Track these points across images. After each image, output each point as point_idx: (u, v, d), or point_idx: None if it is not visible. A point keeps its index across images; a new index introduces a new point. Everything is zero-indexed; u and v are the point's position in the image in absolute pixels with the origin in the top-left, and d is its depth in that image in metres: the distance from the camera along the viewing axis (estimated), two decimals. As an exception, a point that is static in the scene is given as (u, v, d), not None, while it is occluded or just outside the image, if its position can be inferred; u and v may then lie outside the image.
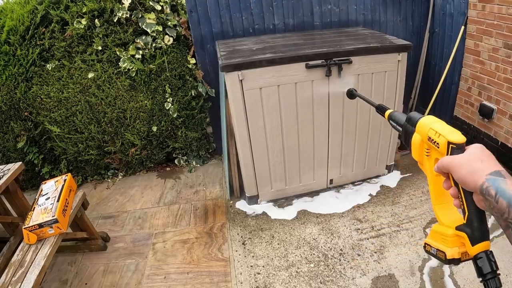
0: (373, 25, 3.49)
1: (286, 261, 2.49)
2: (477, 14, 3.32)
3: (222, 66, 2.36)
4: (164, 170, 3.72)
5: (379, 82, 2.72)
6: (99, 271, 2.54)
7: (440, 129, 0.70)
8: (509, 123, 3.23)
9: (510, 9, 2.97)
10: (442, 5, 3.65)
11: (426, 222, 2.77)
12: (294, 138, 2.76)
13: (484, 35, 3.29)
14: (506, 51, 3.11)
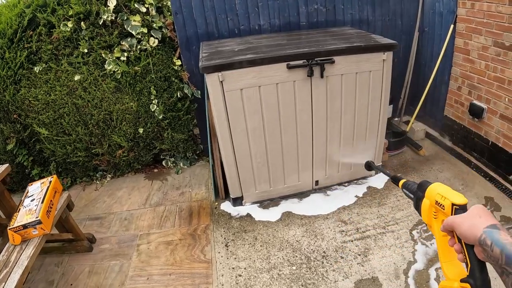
0: (361, 25, 3.51)
1: (268, 263, 2.50)
2: (466, 12, 3.32)
3: (202, 67, 2.40)
4: (152, 172, 3.76)
5: (364, 82, 2.73)
6: (85, 272, 2.58)
7: (445, 193, 0.79)
8: (499, 123, 3.22)
9: (500, 6, 2.98)
10: (431, 4, 3.66)
11: (412, 224, 2.78)
12: (277, 139, 2.78)
13: (474, 34, 3.30)
14: (496, 49, 3.12)
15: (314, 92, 2.65)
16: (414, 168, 3.51)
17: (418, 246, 2.58)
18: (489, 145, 3.37)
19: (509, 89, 3.07)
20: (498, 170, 3.33)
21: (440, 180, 3.29)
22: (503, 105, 3.15)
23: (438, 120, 3.98)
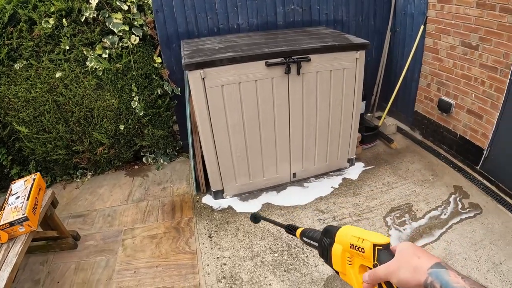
0: (336, 25, 3.76)
1: (251, 251, 2.70)
2: (436, 14, 3.61)
3: (185, 64, 2.56)
4: (132, 169, 3.88)
5: (338, 79, 2.98)
6: (71, 269, 2.65)
7: (362, 235, 0.72)
8: (466, 117, 3.53)
9: (467, 9, 3.26)
10: (403, 6, 3.95)
11: (386, 211, 3.05)
12: (256, 134, 2.99)
13: (443, 34, 3.59)
14: (463, 48, 3.41)
15: (291, 89, 2.87)
16: (387, 160, 3.81)
17: (392, 231, 2.84)
18: (457, 138, 3.68)
19: (475, 86, 3.37)
20: (466, 161, 3.64)
21: (411, 171, 3.63)
22: (470, 100, 3.45)
23: (409, 115, 4.31)
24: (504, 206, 3.13)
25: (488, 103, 3.29)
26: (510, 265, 2.56)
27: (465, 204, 3.16)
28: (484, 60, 3.24)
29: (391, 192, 3.34)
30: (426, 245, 2.74)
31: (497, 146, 3.31)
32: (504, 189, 3.29)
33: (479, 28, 3.20)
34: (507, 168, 3.25)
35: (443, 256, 2.64)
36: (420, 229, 2.88)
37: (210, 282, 2.47)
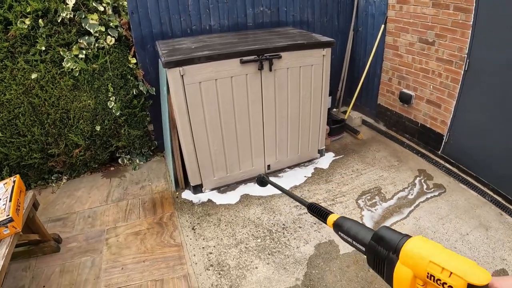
0: (302, 25, 4.08)
1: (235, 239, 2.90)
2: (395, 13, 3.98)
3: (164, 62, 2.72)
4: (109, 170, 3.98)
5: (307, 74, 3.27)
6: (56, 272, 2.70)
7: (447, 264, 0.56)
8: (426, 107, 3.92)
9: (424, 8, 3.65)
10: (365, 7, 4.31)
11: (357, 195, 3.38)
12: (232, 128, 3.21)
13: (402, 32, 3.96)
14: (421, 44, 3.79)
15: (264, 84, 3.13)
16: (354, 150, 4.17)
17: (365, 212, 3.16)
18: (419, 126, 4.07)
19: (432, 78, 3.76)
20: (428, 147, 4.04)
21: (378, 158, 4.01)
22: (428, 91, 3.84)
23: (373, 108, 4.71)
24: (465, 185, 3.54)
25: (445, 93, 3.67)
26: (476, 235, 2.93)
27: (429, 185, 3.52)
28: (440, 54, 3.62)
29: (360, 178, 3.67)
30: (397, 222, 3.07)
31: (456, 132, 3.71)
32: (465, 170, 3.70)
33: (435, 26, 3.59)
34: (466, 151, 3.65)
35: (414, 231, 2.97)
36: (390, 209, 3.21)
37: (199, 270, 2.63)
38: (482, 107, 3.39)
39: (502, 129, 3.24)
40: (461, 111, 3.60)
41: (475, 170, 3.62)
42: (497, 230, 3.01)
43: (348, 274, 2.58)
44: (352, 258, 2.70)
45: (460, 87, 3.52)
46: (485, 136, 3.43)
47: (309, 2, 4.02)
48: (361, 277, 2.56)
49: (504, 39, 3.04)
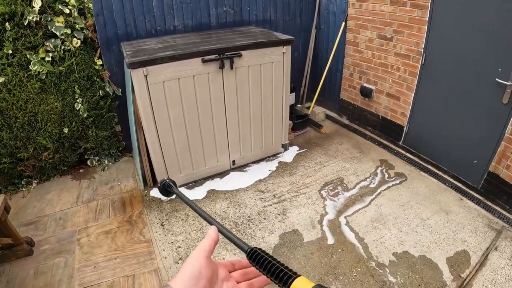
0: (265, 24, 4.25)
1: (202, 233, 3.04)
2: (355, 11, 4.18)
3: (129, 63, 2.83)
4: (78, 173, 4.05)
5: (267, 72, 3.45)
6: (30, 274, 2.73)
7: None
8: (386, 100, 4.13)
9: (382, 6, 3.85)
10: (326, 5, 4.50)
11: (320, 185, 3.58)
12: (196, 125, 3.36)
13: (362, 29, 4.17)
14: (380, 40, 3.99)
15: (226, 82, 3.29)
16: (318, 143, 4.38)
17: (327, 202, 3.36)
18: (380, 119, 4.29)
19: (391, 72, 3.97)
20: (389, 138, 4.27)
21: (340, 150, 4.22)
22: (388, 85, 4.05)
23: (336, 103, 4.93)
24: (426, 173, 3.78)
25: (404, 86, 3.89)
26: (436, 219, 3.16)
27: (391, 174, 3.74)
28: (398, 49, 3.84)
29: (323, 169, 3.87)
30: (359, 210, 3.27)
31: (415, 123, 3.94)
32: (425, 159, 3.94)
33: (393, 22, 3.80)
34: (425, 140, 3.90)
35: (376, 218, 3.18)
36: (352, 198, 3.42)
37: (168, 264, 2.76)
38: (438, 98, 3.63)
39: (457, 118, 3.50)
40: (419, 103, 3.83)
41: (435, 158, 3.85)
42: (458, 214, 3.25)
43: (312, 261, 2.75)
44: (316, 245, 2.89)
45: (418, 80, 3.74)
46: (443, 126, 3.66)
47: (271, 2, 4.19)
48: (324, 262, 2.74)
49: (456, 33, 3.30)
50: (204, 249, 0.67)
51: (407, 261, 2.76)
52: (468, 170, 3.58)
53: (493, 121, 3.21)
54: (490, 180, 3.38)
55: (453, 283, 2.58)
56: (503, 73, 2.99)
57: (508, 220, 3.18)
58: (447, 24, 3.36)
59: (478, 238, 2.97)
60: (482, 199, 3.45)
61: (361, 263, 2.74)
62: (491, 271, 2.67)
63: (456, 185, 3.62)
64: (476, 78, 3.24)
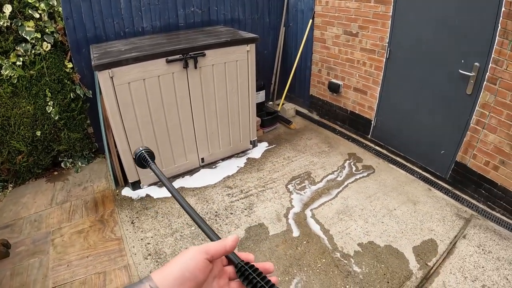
0: (233, 24, 4.35)
1: (171, 229, 3.15)
2: (322, 8, 4.29)
3: (94, 66, 2.92)
4: (52, 175, 4.12)
5: (232, 70, 3.56)
6: (7, 276, 2.79)
7: None
8: (353, 95, 4.26)
9: (348, 3, 3.97)
10: (294, 3, 4.62)
11: (287, 180, 3.70)
12: (163, 125, 3.46)
13: (328, 26, 4.28)
14: (346, 36, 4.10)
15: (191, 81, 3.39)
16: (287, 139, 4.51)
17: (294, 196, 3.48)
18: (348, 113, 4.42)
19: (358, 67, 4.09)
20: (358, 132, 4.40)
21: (309, 145, 4.35)
22: (355, 80, 4.17)
23: (306, 99, 5.05)
24: (394, 165, 3.92)
25: (370, 80, 4.01)
26: (403, 209, 3.29)
27: (359, 167, 3.87)
28: (364, 45, 3.95)
29: (291, 164, 3.99)
30: (325, 202, 3.39)
31: (383, 116, 4.07)
32: (393, 151, 4.08)
33: (358, 18, 3.92)
34: (393, 133, 4.04)
35: (342, 210, 3.30)
36: (319, 191, 3.54)
37: (138, 260, 2.85)
38: (404, 91, 3.77)
39: (423, 110, 3.65)
40: (385, 96, 3.95)
41: (403, 150, 3.97)
42: (425, 204, 3.38)
43: (277, 253, 2.86)
44: (281, 238, 3.00)
45: (383, 74, 3.86)
46: (410, 118, 3.79)
47: (239, 1, 4.31)
48: (289, 254, 2.85)
49: (419, 28, 3.43)
50: (208, 251, 0.60)
51: (372, 251, 2.87)
52: (435, 160, 3.71)
53: (458, 112, 3.34)
54: (458, 169, 3.51)
55: (419, 271, 2.68)
56: (466, 64, 3.13)
57: (477, 209, 3.32)
58: (410, 18, 3.49)
59: (446, 227, 3.09)
60: (451, 189, 3.59)
61: (325, 254, 2.85)
62: (459, 258, 2.78)
63: (424, 175, 3.74)
64: (440, 70, 3.38)
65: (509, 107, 2.94)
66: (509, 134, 3.00)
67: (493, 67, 2.95)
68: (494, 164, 3.19)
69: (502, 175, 3.15)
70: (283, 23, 4.72)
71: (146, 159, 0.89)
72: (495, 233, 3.03)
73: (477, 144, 3.26)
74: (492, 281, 2.58)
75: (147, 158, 0.90)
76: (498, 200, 3.25)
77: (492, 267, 2.70)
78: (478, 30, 2.97)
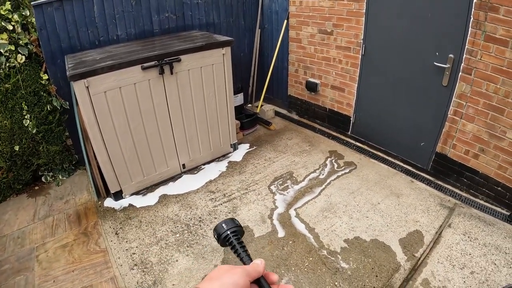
0: (209, 27, 4.30)
1: (155, 237, 3.08)
2: (296, 9, 4.27)
3: (69, 76, 2.84)
4: (33, 190, 4.01)
5: (208, 74, 3.52)
6: None
7: None
8: (331, 92, 4.24)
9: (321, 1, 3.96)
10: (269, 5, 4.60)
11: (270, 181, 3.67)
12: (142, 133, 3.39)
13: (303, 25, 4.27)
14: (321, 35, 4.09)
15: (167, 87, 3.34)
16: (267, 140, 4.48)
17: (277, 196, 3.44)
18: (327, 111, 4.40)
19: (334, 65, 4.08)
20: (338, 130, 4.39)
21: (290, 145, 4.32)
22: (332, 78, 4.15)
23: (285, 99, 5.04)
24: (375, 159, 3.92)
25: (347, 77, 4.00)
26: (387, 203, 3.28)
27: (340, 164, 3.85)
28: (339, 43, 3.95)
29: (273, 165, 3.96)
30: (309, 201, 3.37)
31: (361, 112, 4.07)
32: (374, 146, 4.08)
33: (332, 17, 3.91)
34: (373, 128, 4.05)
35: (325, 207, 3.28)
36: (302, 190, 3.51)
37: (124, 271, 2.78)
38: (381, 86, 3.78)
39: (401, 103, 3.66)
40: (363, 93, 3.95)
41: (384, 144, 3.97)
42: (409, 196, 3.38)
43: (264, 255, 2.82)
44: (266, 239, 2.96)
45: (360, 70, 3.86)
46: (388, 112, 3.80)
47: (213, 5, 4.26)
48: (276, 255, 2.81)
49: (392, 23, 3.44)
50: (250, 273, 0.65)
51: (359, 246, 2.86)
52: (416, 153, 3.72)
53: (435, 104, 3.37)
54: (439, 160, 3.54)
55: (407, 263, 2.68)
56: (441, 57, 3.16)
57: (460, 197, 3.36)
58: (384, 14, 3.50)
59: (431, 217, 3.11)
60: (433, 180, 3.61)
61: (312, 252, 2.83)
62: (446, 247, 2.79)
63: (406, 168, 3.75)
64: (415, 64, 3.39)
65: (485, 96, 2.98)
66: (487, 122, 3.04)
67: (467, 58, 2.98)
68: (474, 152, 3.23)
69: (483, 163, 3.19)
70: (258, 25, 4.69)
71: (232, 242, 0.77)
72: (479, 220, 3.06)
73: (456, 134, 3.29)
74: (480, 267, 2.60)
75: (233, 242, 0.77)
76: (480, 187, 3.29)
77: (479, 253, 2.72)
78: (451, 23, 3.00)
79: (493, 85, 2.89)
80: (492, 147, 3.07)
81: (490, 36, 2.79)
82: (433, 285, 2.49)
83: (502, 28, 2.70)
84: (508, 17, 2.65)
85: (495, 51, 2.80)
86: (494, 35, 2.76)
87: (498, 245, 2.80)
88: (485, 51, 2.85)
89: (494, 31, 2.75)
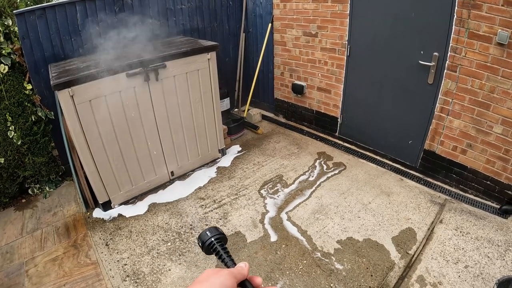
0: (193, 33, 4.20)
1: (147, 247, 2.97)
2: (280, 12, 4.20)
3: (53, 85, 2.73)
4: (20, 203, 3.88)
5: (194, 79, 3.42)
6: None
7: None
8: (318, 94, 4.18)
9: (305, 4, 3.89)
10: (253, 9, 4.51)
11: (260, 185, 3.58)
12: (128, 141, 3.27)
13: (288, 28, 4.20)
14: (306, 37, 4.03)
15: (153, 94, 3.23)
16: (255, 144, 4.39)
17: (268, 200, 3.35)
18: (314, 113, 4.34)
19: (319, 67, 4.02)
20: (326, 131, 4.33)
21: (278, 149, 4.25)
22: (318, 80, 4.09)
23: (271, 103, 4.97)
24: (364, 159, 3.87)
25: (333, 79, 3.95)
26: (378, 202, 3.23)
27: (329, 165, 3.79)
28: (324, 44, 3.89)
29: (262, 169, 3.87)
30: (300, 204, 3.29)
31: (349, 113, 4.02)
32: (363, 146, 4.04)
33: (316, 19, 3.85)
34: (360, 128, 4.00)
35: (317, 209, 3.20)
36: (292, 193, 3.43)
37: (116, 283, 2.67)
38: (368, 86, 3.73)
39: (388, 103, 3.63)
40: (350, 93, 3.90)
41: (372, 144, 3.93)
42: (399, 194, 3.34)
43: (257, 260, 2.74)
44: (259, 244, 2.87)
45: (345, 71, 3.81)
46: (376, 112, 3.75)
47: (197, 10, 4.17)
48: (269, 260, 2.73)
49: (376, 23, 3.40)
50: (235, 275, 0.67)
51: (352, 247, 2.80)
52: (405, 151, 3.69)
53: (422, 102, 3.34)
54: (427, 157, 3.51)
55: (401, 261, 2.64)
56: (425, 55, 3.14)
57: (450, 193, 3.34)
58: (368, 15, 3.46)
59: (422, 214, 3.08)
60: (422, 177, 3.59)
61: (306, 255, 2.76)
62: (439, 243, 2.76)
63: (395, 167, 3.72)
64: (400, 63, 3.36)
65: (471, 92, 2.96)
66: (474, 118, 3.02)
67: (452, 55, 2.96)
68: (461, 148, 3.21)
69: (471, 158, 3.18)
70: (242, 29, 4.62)
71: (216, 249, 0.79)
72: (470, 214, 3.04)
73: (443, 130, 3.26)
74: (474, 260, 2.57)
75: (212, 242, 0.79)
76: (469, 182, 3.28)
77: (472, 247, 2.70)
78: (435, 21, 2.98)
79: (478, 81, 2.87)
80: (480, 142, 3.06)
81: (474, 33, 2.77)
82: (428, 281, 2.45)
83: (485, 25, 2.69)
84: (491, 14, 2.63)
85: (479, 47, 2.78)
86: (477, 32, 2.75)
87: (490, 238, 2.78)
88: (469, 48, 2.83)
89: (478, 28, 2.74)
